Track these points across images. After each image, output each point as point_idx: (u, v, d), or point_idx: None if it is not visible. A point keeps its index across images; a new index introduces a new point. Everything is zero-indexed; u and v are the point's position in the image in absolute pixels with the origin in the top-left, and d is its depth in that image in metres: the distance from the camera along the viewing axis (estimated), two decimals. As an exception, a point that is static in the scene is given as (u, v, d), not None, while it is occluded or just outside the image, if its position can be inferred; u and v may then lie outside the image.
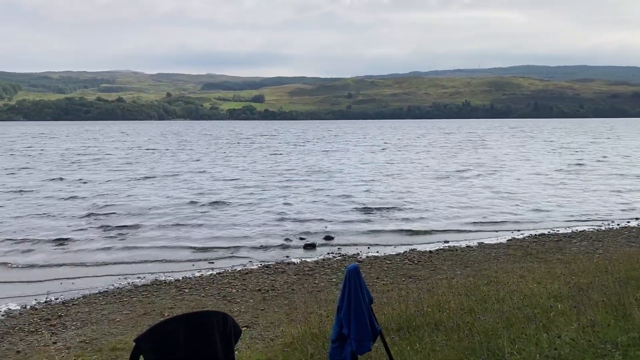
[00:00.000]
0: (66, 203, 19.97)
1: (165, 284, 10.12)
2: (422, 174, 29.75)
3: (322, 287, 9.69)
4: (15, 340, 7.31)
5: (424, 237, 14.62)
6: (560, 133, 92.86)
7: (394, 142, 65.91)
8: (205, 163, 37.27)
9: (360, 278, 3.27)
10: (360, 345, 3.20)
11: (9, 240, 13.98)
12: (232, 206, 19.21)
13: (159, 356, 3.38)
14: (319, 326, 6.15)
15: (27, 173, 30.96)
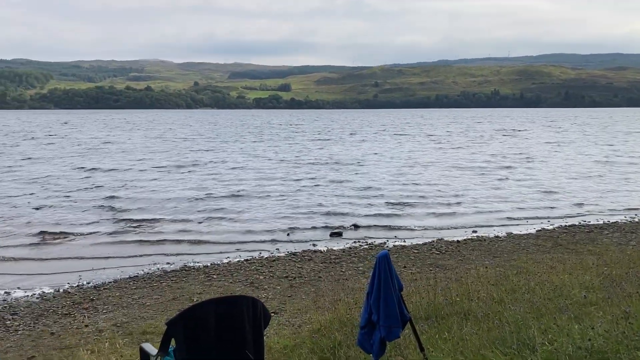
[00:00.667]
0: (89, 193, 20.30)
1: (194, 270, 10.25)
2: (451, 164, 29.43)
3: (349, 275, 9.69)
4: (49, 322, 7.50)
5: (452, 226, 14.50)
6: (594, 122, 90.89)
7: (422, 132, 65.35)
8: (230, 153, 37.47)
9: (390, 265, 3.25)
10: (390, 332, 3.19)
11: (40, 226, 14.31)
12: (259, 195, 19.27)
13: (190, 339, 3.42)
14: (347, 313, 6.16)
15: (61, 161, 31.58)
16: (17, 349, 6.43)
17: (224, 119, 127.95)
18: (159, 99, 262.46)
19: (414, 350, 4.20)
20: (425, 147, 41.26)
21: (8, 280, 9.81)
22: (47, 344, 6.60)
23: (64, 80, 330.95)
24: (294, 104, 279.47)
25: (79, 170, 26.25)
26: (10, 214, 15.94)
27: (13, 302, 8.54)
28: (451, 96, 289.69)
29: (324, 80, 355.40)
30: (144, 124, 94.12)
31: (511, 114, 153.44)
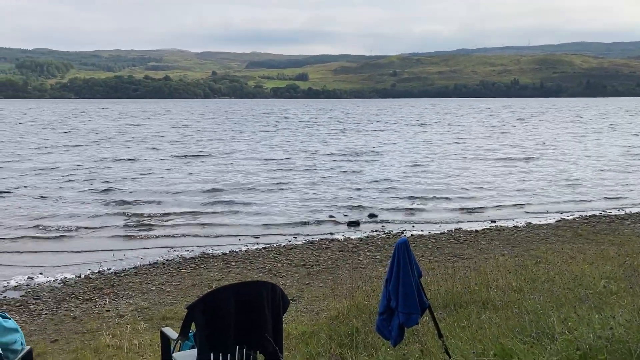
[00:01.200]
0: (105, 183, 20.51)
1: (213, 257, 10.34)
2: (470, 154, 29.17)
3: (366, 263, 9.70)
4: (71, 307, 7.63)
5: (470, 216, 14.42)
6: (617, 112, 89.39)
7: (441, 122, 64.86)
8: (247, 143, 37.55)
9: (409, 252, 3.25)
10: (408, 319, 3.19)
11: (63, 212, 14.53)
12: (276, 186, 19.28)
13: (210, 324, 3.47)
14: (364, 301, 6.17)
15: (97, 148, 31.94)
16: (40, 333, 6.57)
17: (241, 108, 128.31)
18: (177, 89, 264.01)
19: (432, 338, 4.20)
20: (444, 137, 40.93)
21: (30, 266, 9.99)
22: (70, 328, 6.73)
23: (83, 70, 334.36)
24: (311, 93, 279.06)
25: (97, 161, 26.52)
26: (24, 203, 16.18)
27: (36, 287, 8.70)
28: (470, 86, 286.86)
29: (341, 70, 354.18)
30: (161, 113, 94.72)
31: (531, 104, 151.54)
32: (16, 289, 8.65)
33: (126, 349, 5.55)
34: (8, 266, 9.91)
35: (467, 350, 3.98)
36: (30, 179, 20.21)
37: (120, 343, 5.73)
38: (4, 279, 9.10)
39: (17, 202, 15.90)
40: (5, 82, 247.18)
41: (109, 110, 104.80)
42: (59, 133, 45.43)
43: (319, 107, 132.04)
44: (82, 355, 5.46)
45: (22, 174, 21.38)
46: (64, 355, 5.62)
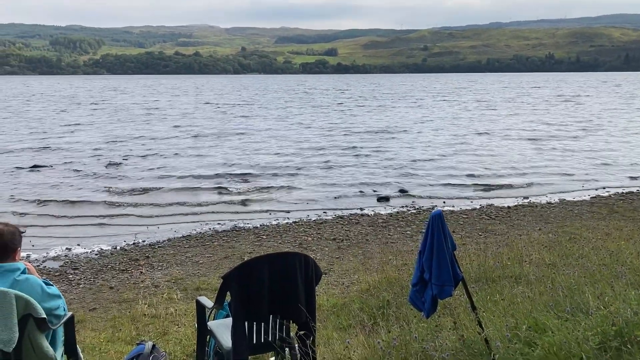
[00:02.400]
0: (136, 158, 20.82)
1: (244, 231, 10.47)
2: (505, 131, 28.47)
3: (396, 238, 9.70)
4: (108, 277, 7.85)
5: (502, 192, 14.25)
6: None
7: (475, 97, 63.72)
8: (276, 120, 37.55)
9: (444, 224, 3.23)
10: (442, 290, 3.19)
11: (98, 185, 14.86)
12: (305, 162, 19.28)
13: (245, 292, 3.52)
14: (395, 274, 6.20)
15: (131, 124, 32.45)
16: (79, 301, 6.78)
17: (270, 84, 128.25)
18: (207, 65, 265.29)
19: (464, 311, 4.20)
20: (477, 114, 40.12)
21: (67, 238, 10.28)
22: (107, 297, 6.93)
23: (115, 46, 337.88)
24: (340, 68, 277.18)
25: (135, 138, 26.93)
26: (58, 177, 16.57)
27: (74, 258, 8.96)
28: (503, 60, 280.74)
29: (371, 45, 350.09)
30: (191, 89, 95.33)
31: (568, 79, 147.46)
32: (55, 259, 8.92)
33: (162, 318, 5.69)
34: (46, 237, 10.20)
35: (500, 324, 3.97)
36: (65, 154, 20.65)
37: (156, 312, 5.88)
38: (43, 249, 9.39)
39: (52, 176, 16.31)
40: (39, 59, 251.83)
41: (140, 86, 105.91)
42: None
43: (348, 83, 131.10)
44: (120, 323, 5.62)
45: (59, 149, 21.86)
46: (102, 323, 5.80)
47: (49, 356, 3.22)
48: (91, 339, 5.15)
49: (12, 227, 3.35)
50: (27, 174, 16.79)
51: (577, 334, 3.53)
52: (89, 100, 58.73)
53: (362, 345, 4.12)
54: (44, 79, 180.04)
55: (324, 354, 4.15)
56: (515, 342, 3.54)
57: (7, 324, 2.98)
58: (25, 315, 3.07)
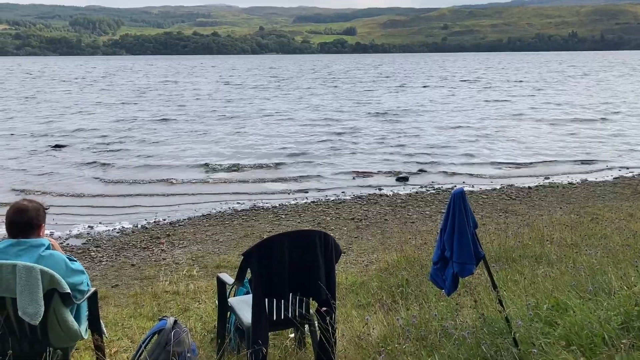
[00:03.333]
0: (153, 138, 20.97)
1: (263, 210, 10.52)
2: (526, 111, 27.97)
3: (415, 218, 9.68)
4: (129, 255, 7.96)
5: (522, 171, 14.10)
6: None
7: (497, 77, 62.79)
8: (291, 101, 37.44)
9: (465, 202, 3.20)
10: (463, 268, 3.17)
11: (120, 163, 15.02)
12: (322, 143, 19.25)
13: (265, 269, 3.54)
14: (414, 254, 6.18)
15: (136, 106, 32.63)
16: (102, 278, 6.89)
17: (289, 64, 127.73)
18: (225, 45, 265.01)
19: (485, 289, 4.19)
20: (498, 94, 39.47)
21: (89, 216, 10.43)
22: (129, 274, 7.03)
23: (134, 27, 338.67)
24: (359, 48, 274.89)
25: (159, 117, 27.10)
26: (81, 155, 16.77)
27: (96, 235, 9.10)
28: (525, 39, 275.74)
29: (390, 24, 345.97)
30: (209, 70, 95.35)
31: (592, 57, 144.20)
32: (77, 237, 9.07)
33: (183, 294, 5.76)
34: (69, 215, 10.36)
35: (521, 304, 3.95)
36: (86, 134, 20.86)
37: (177, 288, 5.95)
38: (66, 227, 9.53)
39: (73, 155, 16.50)
40: (60, 40, 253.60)
41: (156, 67, 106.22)
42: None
43: (366, 63, 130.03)
44: (142, 299, 5.71)
45: (80, 129, 22.09)
46: (124, 299, 5.89)
47: (74, 330, 3.28)
48: (114, 314, 5.24)
49: (36, 204, 3.40)
50: (48, 153, 17.01)
51: (600, 314, 3.50)
52: (118, 81, 59.12)
53: (381, 322, 4.14)
54: (65, 59, 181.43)
55: (343, 331, 4.18)
56: (536, 321, 3.52)
57: (34, 298, 3.04)
58: (50, 290, 3.12)
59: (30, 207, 3.32)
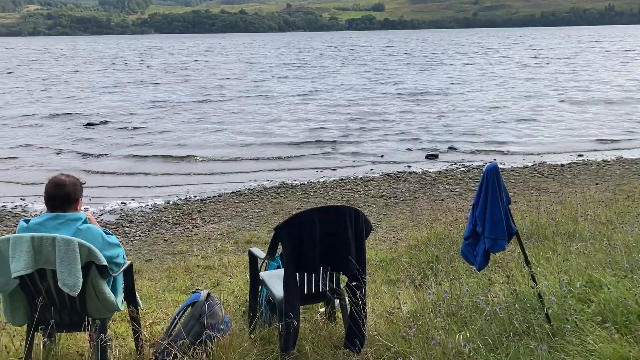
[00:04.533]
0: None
1: (292, 187, 10.57)
2: (564, 90, 27.09)
3: (445, 196, 9.61)
4: (162, 230, 8.11)
5: (555, 147, 13.84)
6: None
7: (530, 53, 61.25)
8: (321, 79, 37.25)
9: (499, 177, 3.16)
10: (495, 244, 3.15)
11: (154, 142, 15.22)
12: (351, 121, 19.12)
13: (296, 244, 3.57)
14: (444, 231, 6.15)
15: (182, 86, 32.87)
16: (136, 253, 7.04)
17: (315, 42, 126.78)
18: (253, 22, 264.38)
19: (517, 266, 4.16)
20: (532, 72, 38.35)
21: (123, 192, 10.64)
22: (162, 249, 7.17)
23: (162, 5, 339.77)
24: (387, 24, 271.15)
25: (190, 99, 27.30)
26: (113, 135, 17.03)
27: (129, 211, 9.28)
28: (558, 13, 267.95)
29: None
30: (235, 48, 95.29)
31: (630, 32, 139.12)
32: (111, 213, 9.27)
33: (214, 269, 5.86)
34: (102, 191, 10.57)
35: (554, 280, 3.92)
36: (118, 111, 21.16)
37: (209, 263, 6.06)
38: (100, 203, 9.74)
39: (106, 134, 16.78)
40: (89, 19, 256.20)
41: (184, 45, 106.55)
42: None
43: (396, 39, 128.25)
44: (175, 274, 5.83)
45: (112, 107, 22.42)
46: (158, 273, 6.02)
47: (111, 301, 3.37)
48: (148, 288, 5.36)
49: (73, 178, 3.48)
50: (81, 131, 17.33)
51: (636, 292, 3.45)
52: (150, 61, 59.64)
53: (412, 298, 4.15)
54: (96, 39, 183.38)
55: (373, 305, 4.20)
56: (569, 297, 3.49)
57: (72, 270, 3.13)
58: (88, 262, 3.20)
59: (68, 181, 3.40)
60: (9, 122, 19.19)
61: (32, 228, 3.26)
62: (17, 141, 15.85)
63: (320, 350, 3.60)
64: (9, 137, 16.43)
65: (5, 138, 16.33)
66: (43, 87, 31.32)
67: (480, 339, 3.04)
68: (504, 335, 3.10)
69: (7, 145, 15.27)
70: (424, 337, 3.15)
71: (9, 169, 12.68)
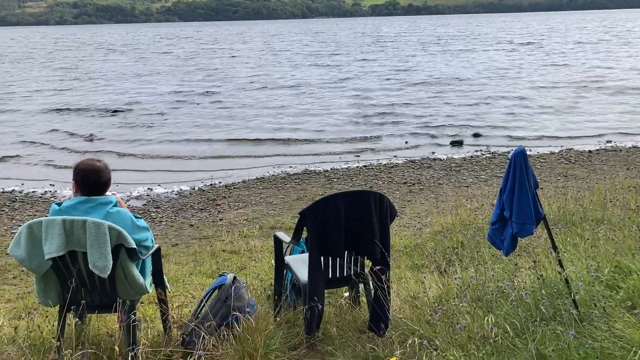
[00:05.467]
0: (198, 100, 21.21)
1: (315, 174, 10.60)
2: (596, 79, 26.32)
3: (470, 182, 9.53)
4: (188, 216, 8.22)
5: (581, 132, 13.61)
6: None
7: (562, 40, 59.77)
8: (345, 66, 37.04)
9: (526, 161, 3.13)
10: (522, 228, 3.12)
11: (177, 130, 15.38)
12: (374, 106, 19.04)
13: (321, 228, 3.59)
14: (470, 217, 6.12)
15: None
16: (162, 237, 7.15)
17: (338, 29, 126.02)
18: (275, 9, 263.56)
19: (543, 251, 4.12)
20: (564, 58, 37.31)
21: (148, 178, 10.78)
22: (188, 234, 7.27)
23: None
24: (411, 10, 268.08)
25: (210, 84, 27.43)
26: (139, 121, 17.21)
27: (155, 197, 9.41)
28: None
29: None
30: (260, 35, 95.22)
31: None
32: (138, 198, 9.41)
33: (240, 253, 5.93)
34: (128, 176, 10.73)
35: (581, 266, 3.87)
36: (144, 98, 21.38)
37: (234, 248, 6.13)
38: (126, 188, 9.89)
39: (132, 121, 16.98)
40: (114, 7, 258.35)
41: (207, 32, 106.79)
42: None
43: (422, 25, 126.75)
44: (201, 258, 5.91)
45: (138, 95, 22.66)
46: (184, 257, 6.11)
47: (139, 283, 3.43)
48: (175, 271, 5.45)
49: (104, 163, 3.55)
50: (107, 117, 17.58)
51: (666, 278, 3.40)
52: (175, 50, 60.04)
53: (436, 283, 4.15)
54: (123, 27, 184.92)
55: (398, 290, 4.21)
56: (597, 283, 3.45)
57: (102, 253, 3.19)
58: (118, 245, 3.27)
59: (100, 166, 3.46)
60: (37, 109, 19.54)
61: (63, 211, 3.33)
62: (45, 127, 16.16)
63: (345, 333, 3.62)
64: (37, 124, 16.74)
65: (33, 125, 16.64)
66: (68, 75, 31.78)
67: (506, 322, 3.03)
68: (530, 320, 3.08)
69: (37, 131, 15.57)
70: (449, 321, 3.15)
71: (38, 154, 12.95)
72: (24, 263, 3.28)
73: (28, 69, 36.67)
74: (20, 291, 4.94)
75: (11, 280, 5.55)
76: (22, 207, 8.84)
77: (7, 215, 8.40)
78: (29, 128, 16.16)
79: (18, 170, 11.73)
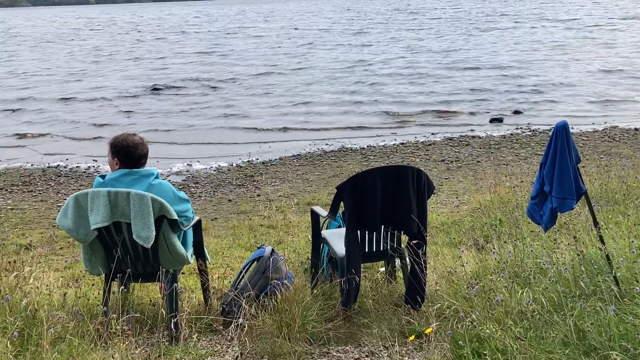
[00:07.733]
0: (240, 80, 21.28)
1: (351, 151, 10.59)
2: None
3: (509, 160, 9.37)
4: (226, 191, 8.35)
5: (629, 112, 13.16)
6: None
7: (603, 14, 57.67)
8: (391, 44, 36.52)
9: (568, 135, 3.07)
10: (562, 203, 3.07)
11: (216, 111, 15.56)
12: (419, 83, 18.77)
13: (358, 203, 3.60)
14: (508, 195, 6.03)
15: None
16: (201, 212, 7.30)
17: (361, 5, 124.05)
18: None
19: (584, 228, 4.04)
20: (606, 32, 36.04)
21: (187, 155, 10.98)
22: (226, 209, 7.40)
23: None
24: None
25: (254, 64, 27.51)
26: (185, 101, 17.44)
27: (194, 173, 9.59)
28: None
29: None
30: (287, 14, 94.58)
31: None
32: (178, 174, 9.61)
33: (277, 228, 6.02)
34: (168, 151, 10.95)
35: (623, 244, 3.79)
36: (182, 76, 21.62)
37: (271, 222, 6.22)
38: (166, 165, 10.10)
39: (173, 98, 17.24)
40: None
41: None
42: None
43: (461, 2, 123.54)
44: (239, 232, 6.02)
45: (176, 73, 22.93)
46: (223, 231, 6.24)
47: (181, 254, 3.53)
48: (214, 244, 5.57)
49: (141, 137, 3.64)
50: (148, 95, 17.88)
51: None
52: (214, 29, 60.31)
53: (474, 259, 4.13)
54: (170, 5, 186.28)
55: (435, 266, 4.21)
56: (639, 261, 3.38)
57: (146, 223, 3.29)
58: (160, 216, 3.36)
59: (137, 140, 3.56)
60: (79, 88, 20.00)
61: (107, 183, 3.44)
62: (89, 106, 16.56)
63: (381, 307, 3.66)
64: (78, 105, 17.16)
65: (78, 104, 17.07)
66: (107, 54, 32.32)
67: (544, 298, 3.01)
68: (568, 296, 3.05)
69: (81, 109, 15.98)
70: (486, 296, 3.14)
71: (82, 129, 13.33)
72: (71, 233, 3.41)
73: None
74: (68, 261, 5.14)
75: (59, 251, 5.77)
76: (66, 182, 9.14)
77: (52, 190, 8.70)
78: (69, 106, 16.62)
79: (62, 145, 12.12)
